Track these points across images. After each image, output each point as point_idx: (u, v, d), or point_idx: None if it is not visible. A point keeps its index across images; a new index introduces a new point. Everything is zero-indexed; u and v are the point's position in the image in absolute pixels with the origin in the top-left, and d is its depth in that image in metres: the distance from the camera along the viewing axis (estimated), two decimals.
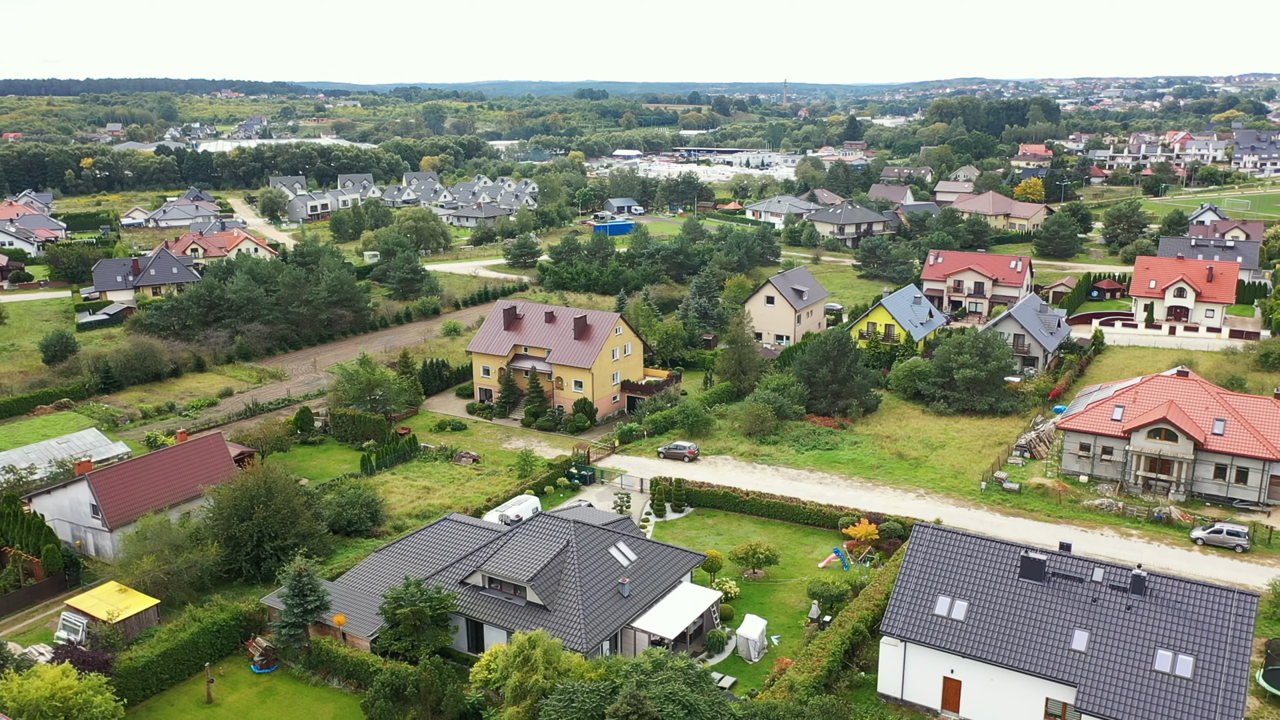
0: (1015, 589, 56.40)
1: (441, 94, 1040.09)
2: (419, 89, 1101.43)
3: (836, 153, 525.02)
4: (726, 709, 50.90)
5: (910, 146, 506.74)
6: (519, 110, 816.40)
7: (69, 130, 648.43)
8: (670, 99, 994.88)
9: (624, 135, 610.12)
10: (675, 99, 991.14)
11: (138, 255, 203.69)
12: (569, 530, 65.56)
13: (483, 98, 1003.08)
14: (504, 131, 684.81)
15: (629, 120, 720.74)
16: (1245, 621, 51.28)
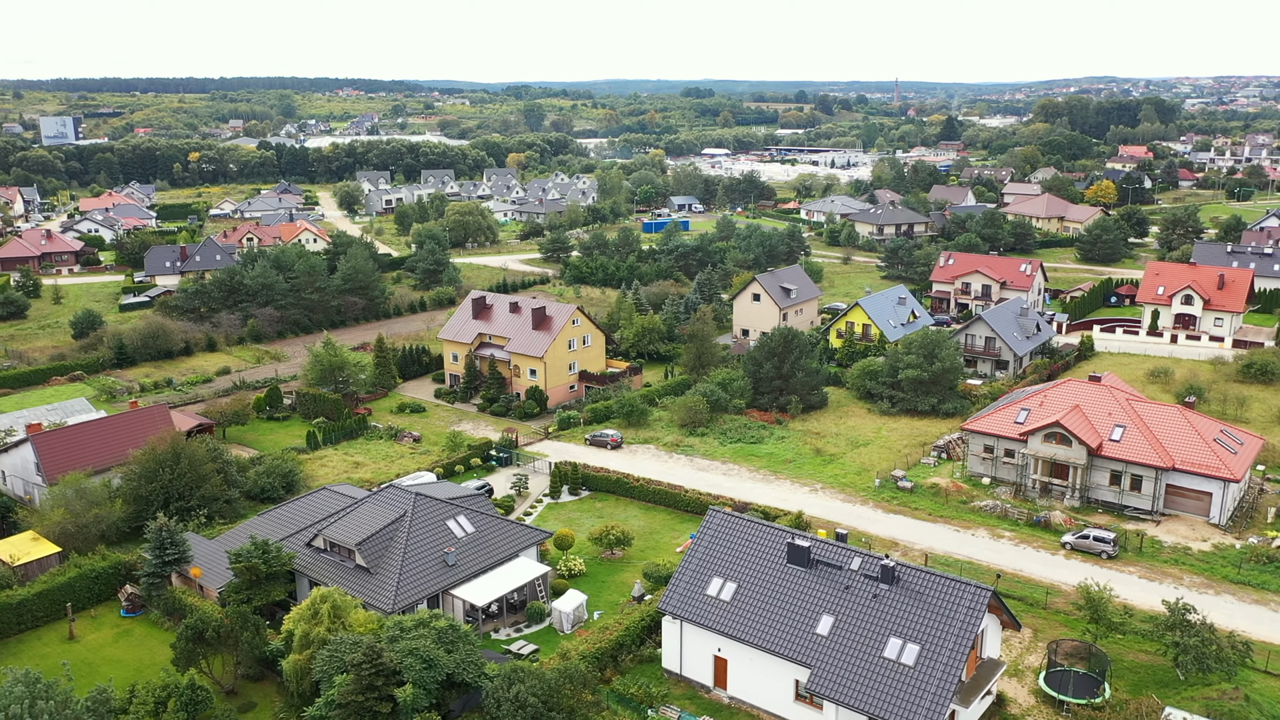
0: (781, 574, 58.42)
1: (551, 92, 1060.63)
2: (529, 87, 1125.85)
3: (928, 153, 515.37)
4: (476, 667, 54.71)
5: (1005, 147, 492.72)
6: (622, 109, 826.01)
7: (194, 126, 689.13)
8: (776, 98, 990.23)
9: (715, 134, 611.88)
10: (781, 98, 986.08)
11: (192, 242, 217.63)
12: (408, 501, 70.33)
13: (590, 96, 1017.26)
14: (600, 129, 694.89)
15: (726, 119, 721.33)
16: (974, 614, 52.27)
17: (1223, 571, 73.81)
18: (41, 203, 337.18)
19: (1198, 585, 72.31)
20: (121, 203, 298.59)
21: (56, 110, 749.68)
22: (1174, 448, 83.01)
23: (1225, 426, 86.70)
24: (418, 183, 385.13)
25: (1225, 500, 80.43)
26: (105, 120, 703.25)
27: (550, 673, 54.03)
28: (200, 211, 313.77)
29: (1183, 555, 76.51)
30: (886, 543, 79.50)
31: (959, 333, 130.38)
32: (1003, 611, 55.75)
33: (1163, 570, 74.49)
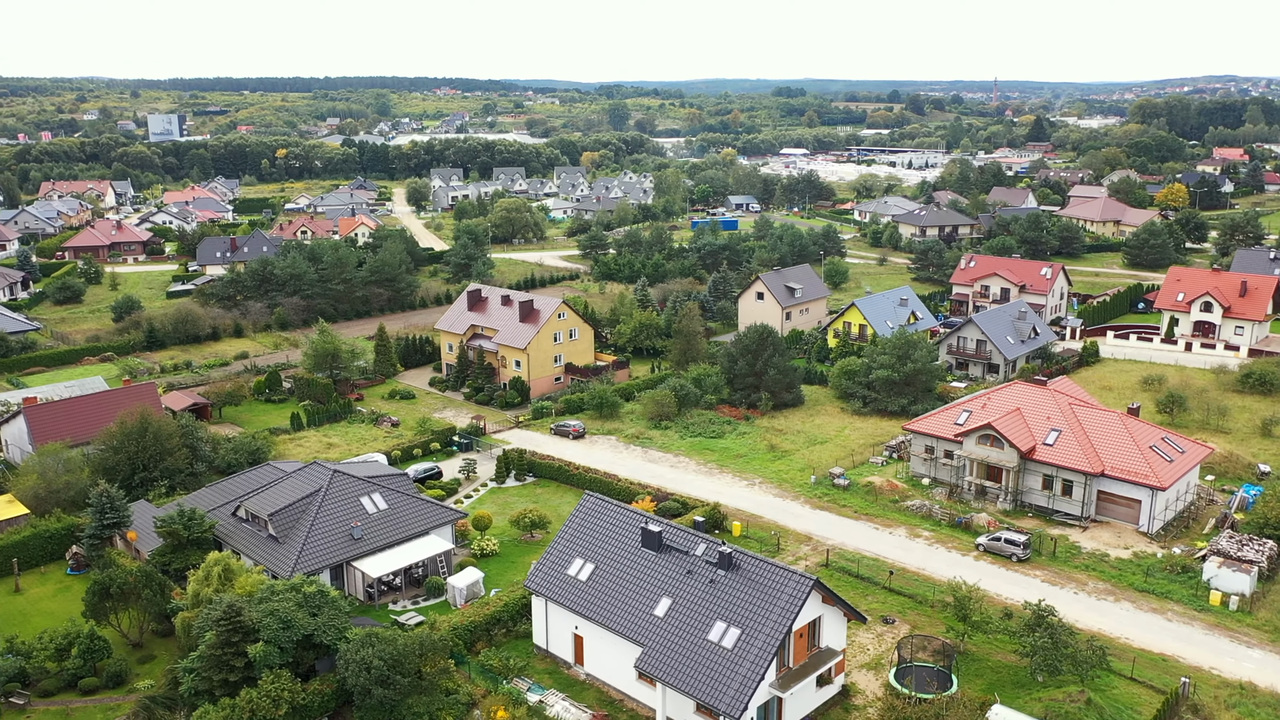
0: (635, 557, 60.63)
1: (643, 91, 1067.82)
2: (621, 86, 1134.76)
3: (1011, 155, 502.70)
4: (337, 631, 58.39)
5: (1095, 148, 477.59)
6: (709, 108, 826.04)
7: (293, 124, 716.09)
8: (869, 98, 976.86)
9: (796, 134, 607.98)
10: (874, 97, 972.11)
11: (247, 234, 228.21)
12: (325, 477, 74.70)
13: (681, 95, 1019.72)
14: (683, 129, 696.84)
15: (811, 119, 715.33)
16: (794, 602, 53.66)
17: (1130, 579, 72.84)
18: (134, 196, 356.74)
19: (1099, 591, 71.62)
20: (202, 196, 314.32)
21: (169, 109, 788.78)
22: (1106, 454, 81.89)
23: (1168, 434, 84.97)
24: (489, 180, 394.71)
25: (1154, 508, 79.02)
26: (211, 118, 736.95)
27: (402, 639, 57.40)
28: (276, 206, 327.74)
29: (1097, 562, 75.68)
30: (801, 537, 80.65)
31: (950, 335, 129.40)
32: (837, 603, 56.85)
33: (1069, 575, 73.90)
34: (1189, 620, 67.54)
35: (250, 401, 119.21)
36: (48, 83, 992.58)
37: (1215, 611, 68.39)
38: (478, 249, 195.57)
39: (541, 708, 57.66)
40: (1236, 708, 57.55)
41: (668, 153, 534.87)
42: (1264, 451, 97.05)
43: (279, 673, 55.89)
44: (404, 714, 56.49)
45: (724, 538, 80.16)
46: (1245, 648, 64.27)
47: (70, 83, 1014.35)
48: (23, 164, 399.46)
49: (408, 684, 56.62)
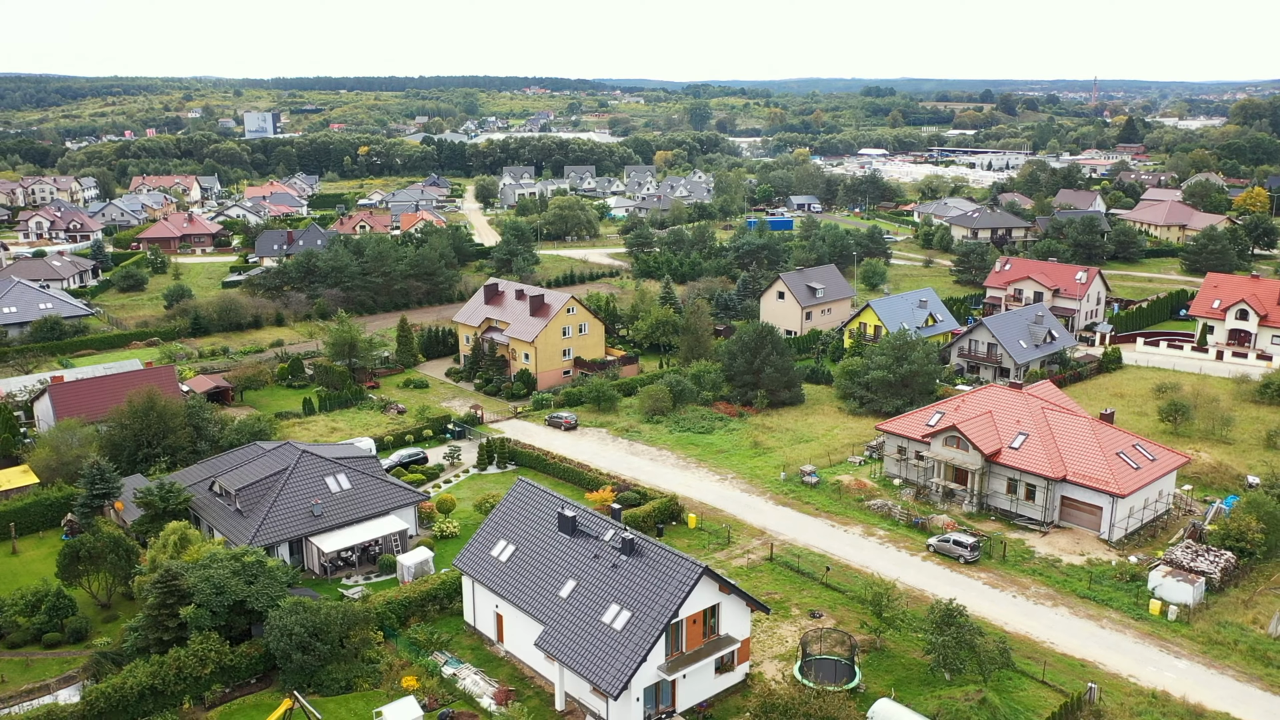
0: (550, 540, 62.95)
1: (730, 91, 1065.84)
2: (709, 86, 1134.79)
3: (1099, 156, 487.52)
4: (270, 599, 62.11)
5: (1185, 150, 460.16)
6: (795, 108, 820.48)
7: (383, 122, 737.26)
8: (960, 97, 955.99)
9: (877, 134, 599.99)
10: (966, 97, 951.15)
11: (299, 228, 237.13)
12: (294, 457, 78.87)
13: (768, 95, 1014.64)
14: (765, 128, 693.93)
15: (895, 119, 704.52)
16: (682, 588, 55.25)
17: (1073, 586, 72.12)
18: (220, 191, 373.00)
19: (1039, 596, 71.12)
20: (279, 192, 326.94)
21: (268, 107, 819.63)
22: (1071, 459, 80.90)
23: (1140, 441, 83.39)
24: (560, 178, 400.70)
25: (1114, 515, 77.83)
26: (306, 116, 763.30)
27: (326, 609, 60.86)
28: (350, 201, 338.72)
29: (1048, 567, 75.03)
30: (755, 531, 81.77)
31: (961, 338, 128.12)
32: (734, 592, 58.14)
33: (1013, 579, 73.51)
34: (1122, 628, 66.70)
35: (272, 386, 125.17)
36: (159, 82, 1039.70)
37: (1152, 621, 67.37)
38: (520, 245, 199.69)
39: (453, 680, 60.44)
40: (1142, 715, 56.99)
41: (743, 152, 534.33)
42: (1263, 463, 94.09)
43: (208, 634, 59.87)
44: (323, 679, 59.99)
45: (680, 529, 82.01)
46: (1173, 658, 63.31)
47: (180, 82, 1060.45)
48: (122, 159, 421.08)
49: (327, 651, 60.11)
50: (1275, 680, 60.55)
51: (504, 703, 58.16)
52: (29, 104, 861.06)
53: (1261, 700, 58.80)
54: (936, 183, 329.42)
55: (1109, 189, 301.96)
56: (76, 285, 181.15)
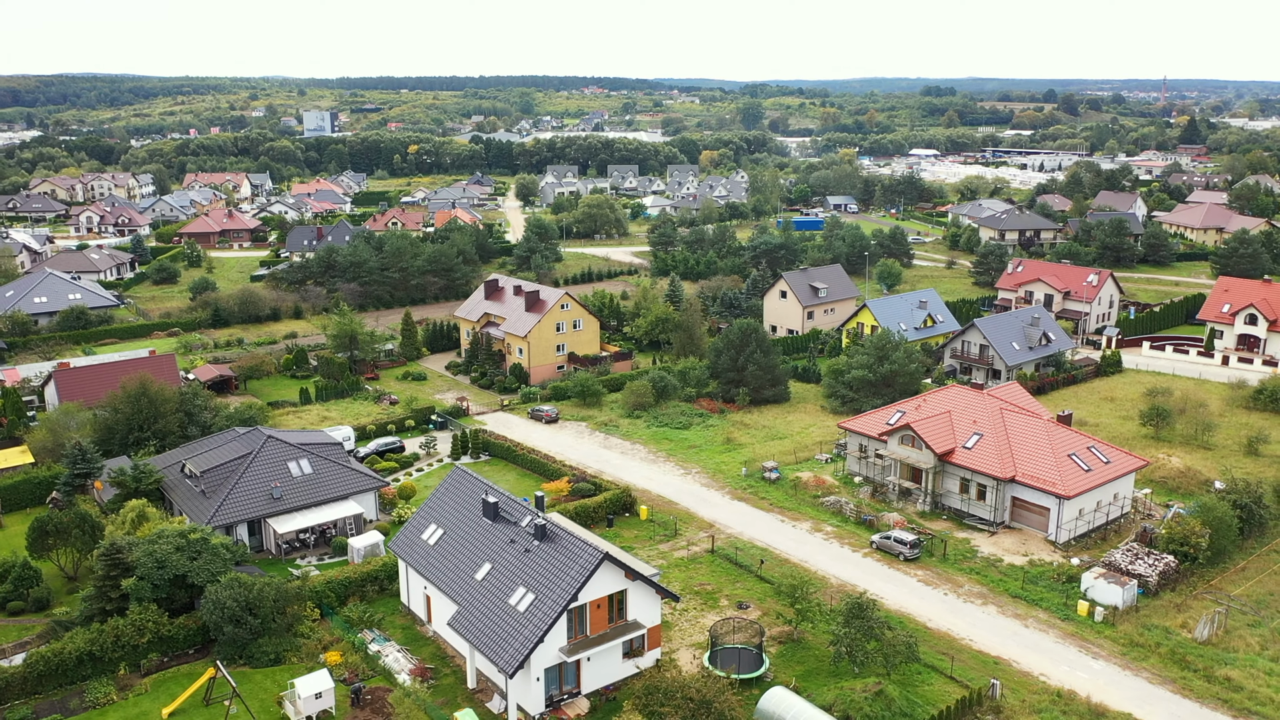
0: (475, 525, 65.19)
1: (787, 91, 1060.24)
2: (766, 86, 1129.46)
3: (1156, 157, 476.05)
4: (210, 574, 65.24)
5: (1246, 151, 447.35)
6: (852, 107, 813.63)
7: (440, 121, 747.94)
8: (1023, 97, 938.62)
9: (929, 134, 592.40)
10: (1029, 97, 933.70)
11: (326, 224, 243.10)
12: (259, 441, 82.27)
13: (826, 95, 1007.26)
14: (817, 128, 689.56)
15: (950, 119, 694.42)
16: (581, 573, 57.02)
17: (1007, 585, 72.25)
18: (271, 188, 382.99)
19: (971, 595, 71.42)
20: (324, 189, 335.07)
21: (330, 106, 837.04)
22: (1021, 460, 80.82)
23: (1096, 444, 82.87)
24: (603, 177, 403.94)
25: (1061, 517, 77.62)
26: (365, 115, 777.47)
27: (259, 586, 63.85)
28: (393, 199, 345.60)
29: (987, 566, 75.22)
30: (705, 524, 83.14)
31: (954, 339, 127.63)
32: (639, 579, 59.68)
33: (949, 577, 73.85)
34: (1046, 628, 66.79)
35: (276, 377, 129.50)
36: (228, 82, 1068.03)
37: (1078, 622, 67.32)
38: (541, 242, 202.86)
39: (376, 656, 62.99)
40: (1042, 713, 57.29)
41: (792, 152, 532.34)
42: (1239, 469, 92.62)
43: (147, 605, 63.26)
44: (253, 652, 62.97)
45: (631, 521, 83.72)
46: (1090, 658, 63.32)
47: (249, 82, 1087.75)
48: (181, 157, 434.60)
49: (259, 625, 63.09)
50: (1188, 684, 60.31)
51: (419, 679, 60.53)
52: (104, 103, 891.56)
53: (1169, 702, 58.68)
54: (976, 184, 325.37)
55: (1154, 191, 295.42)
56: (113, 277, 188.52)
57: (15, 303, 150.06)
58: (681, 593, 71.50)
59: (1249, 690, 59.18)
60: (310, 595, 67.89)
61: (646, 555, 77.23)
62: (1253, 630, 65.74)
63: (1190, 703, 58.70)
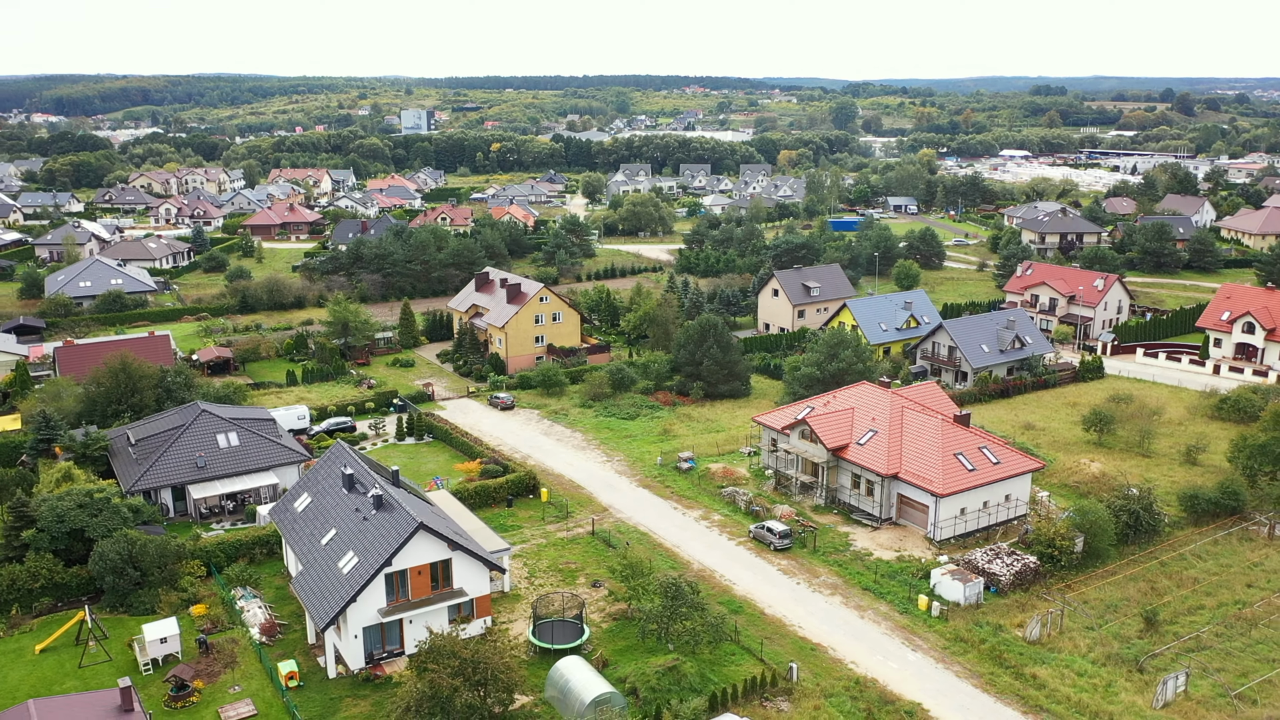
0: (336, 495, 70.11)
1: (890, 90, 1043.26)
2: (869, 85, 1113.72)
3: (1261, 160, 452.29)
4: (105, 529, 71.93)
5: None
6: (949, 107, 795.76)
7: (536, 120, 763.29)
8: (1137, 96, 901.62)
9: (1022, 135, 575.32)
10: (1144, 96, 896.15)
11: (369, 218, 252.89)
12: (194, 414, 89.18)
13: (930, 94, 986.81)
14: (911, 128, 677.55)
15: (1051, 119, 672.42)
16: (397, 539, 61.23)
17: (863, 579, 73.45)
18: (354, 183, 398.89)
19: (823, 585, 72.94)
20: (397, 185, 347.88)
21: (433, 104, 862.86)
22: (909, 457, 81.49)
23: (989, 444, 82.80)
24: (676, 175, 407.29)
25: (938, 514, 78.14)
26: (465, 114, 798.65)
27: (141, 542, 70.19)
28: (463, 195, 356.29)
29: (854, 560, 76.45)
30: (600, 508, 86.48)
31: (924, 340, 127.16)
32: (464, 551, 63.53)
33: (809, 568, 75.44)
34: (880, 620, 67.99)
35: (275, 359, 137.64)
36: (341, 81, 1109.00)
37: (915, 616, 68.29)
38: (571, 237, 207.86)
39: (240, 611, 68.58)
40: (832, 696, 58.99)
41: (875, 152, 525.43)
42: (1166, 477, 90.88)
43: (43, 554, 70.29)
44: (133, 601, 69.36)
45: (532, 502, 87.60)
46: (909, 650, 64.42)
47: (361, 81, 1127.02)
48: (276, 153, 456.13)
49: (138, 577, 69.48)
50: (993, 679, 60.95)
51: (267, 632, 65.80)
52: (225, 102, 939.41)
53: (964, 695, 59.56)
54: (1044, 185, 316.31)
55: (1228, 195, 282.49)
56: (169, 265, 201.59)
57: (62, 286, 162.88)
58: (547, 570, 75.21)
59: (1051, 689, 59.55)
60: (199, 554, 74.06)
61: (530, 534, 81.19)
62: (1088, 633, 65.57)
63: (986, 697, 59.47)
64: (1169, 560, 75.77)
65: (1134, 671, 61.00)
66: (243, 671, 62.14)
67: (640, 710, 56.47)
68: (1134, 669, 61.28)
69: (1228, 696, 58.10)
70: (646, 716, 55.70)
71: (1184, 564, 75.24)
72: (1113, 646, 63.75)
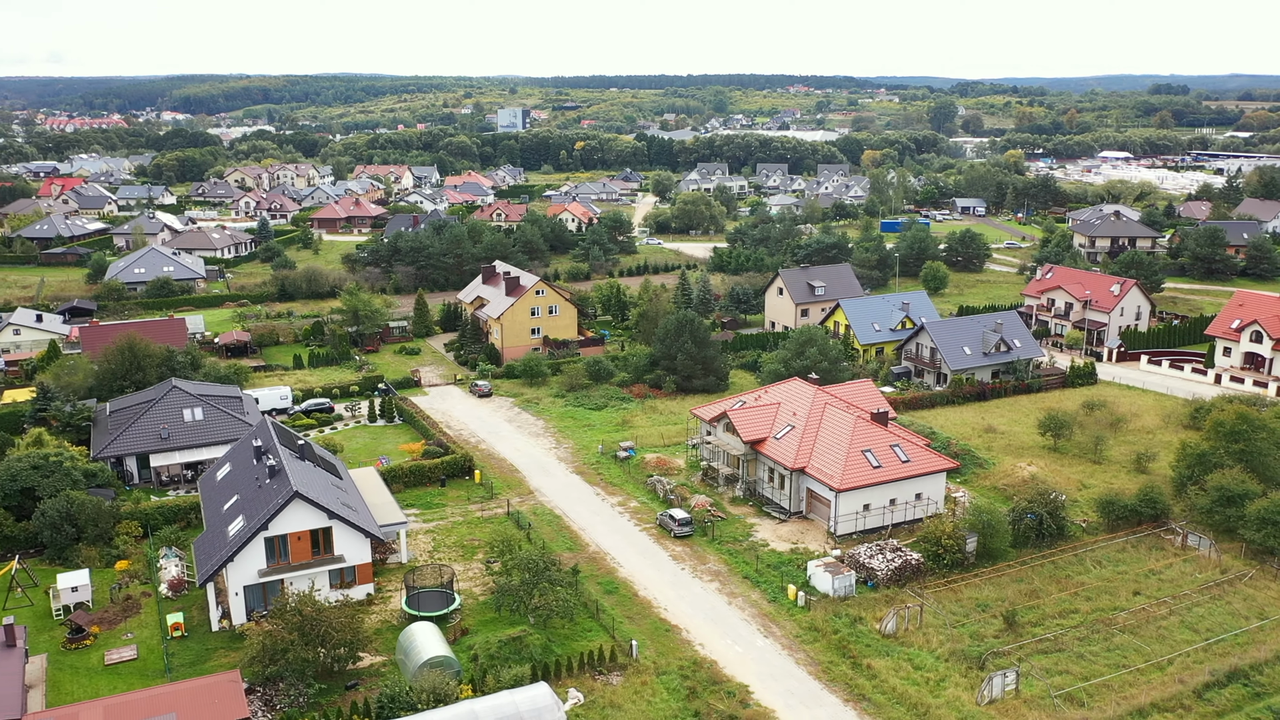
0: (249, 465, 75.53)
1: (1000, 89, 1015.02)
2: (979, 84, 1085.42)
3: None
4: (55, 490, 78.99)
5: None
6: (1055, 107, 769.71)
7: (633, 119, 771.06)
8: (1265, 95, 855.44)
9: (1125, 135, 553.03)
10: (1272, 95, 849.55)
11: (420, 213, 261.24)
12: (166, 390, 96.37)
13: (1042, 93, 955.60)
14: (1011, 128, 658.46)
15: (1163, 119, 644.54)
16: (273, 506, 66.05)
17: (746, 567, 75.05)
18: (437, 180, 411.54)
19: (706, 573, 74.81)
20: (470, 181, 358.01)
21: (535, 104, 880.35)
22: (818, 452, 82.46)
23: (902, 442, 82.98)
24: (753, 175, 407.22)
25: (838, 509, 79.02)
26: (563, 112, 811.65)
27: (80, 502, 77.02)
28: (535, 191, 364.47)
29: (749, 550, 77.99)
30: (527, 491, 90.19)
31: (908, 341, 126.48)
32: (342, 521, 67.96)
33: (699, 554, 77.41)
34: (746, 608, 69.61)
35: (292, 344, 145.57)
36: (450, 81, 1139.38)
37: (782, 604, 69.71)
38: (605, 234, 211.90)
39: (160, 569, 74.63)
40: (664, 675, 61.20)
41: (966, 153, 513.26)
42: (1108, 483, 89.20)
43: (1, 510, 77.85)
44: (69, 555, 76.21)
45: (466, 483, 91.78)
46: (761, 636, 66.04)
47: (469, 81, 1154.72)
48: (370, 150, 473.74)
49: (74, 533, 76.33)
50: (831, 668, 62.14)
51: (174, 588, 71.59)
52: (339, 100, 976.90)
53: (796, 681, 60.98)
54: (1120, 188, 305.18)
55: None
56: (229, 255, 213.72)
57: (118, 272, 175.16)
58: (452, 545, 79.24)
59: (881, 680, 60.48)
60: (137, 516, 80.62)
61: (451, 512, 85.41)
62: (949, 630, 65.90)
63: (816, 684, 60.77)
64: (1064, 564, 74.98)
65: (974, 669, 61.30)
66: (140, 621, 68.01)
67: (469, 674, 59.81)
68: (975, 666, 61.57)
69: (1050, 698, 57.99)
70: (473, 679, 59.02)
71: (1079, 568, 74.39)
72: (965, 644, 64.02)
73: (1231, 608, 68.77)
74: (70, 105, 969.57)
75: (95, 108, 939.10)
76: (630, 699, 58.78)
